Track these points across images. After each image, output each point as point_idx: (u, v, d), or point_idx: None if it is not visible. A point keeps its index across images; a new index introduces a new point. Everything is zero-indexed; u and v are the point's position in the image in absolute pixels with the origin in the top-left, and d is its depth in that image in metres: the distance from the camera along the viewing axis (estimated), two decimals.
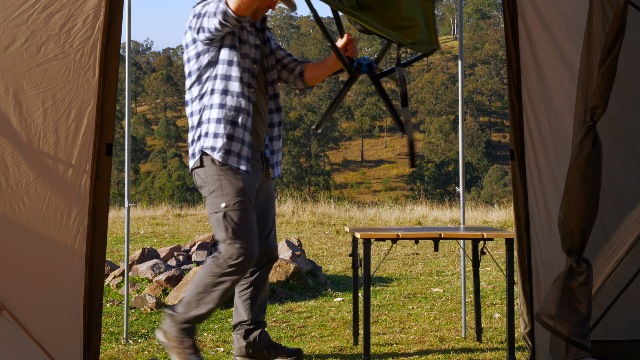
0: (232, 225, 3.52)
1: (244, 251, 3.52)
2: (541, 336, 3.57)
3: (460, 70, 4.64)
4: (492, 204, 19.02)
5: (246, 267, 3.55)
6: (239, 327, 3.88)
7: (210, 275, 3.55)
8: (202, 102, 3.61)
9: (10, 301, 3.10)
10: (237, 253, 3.51)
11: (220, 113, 3.56)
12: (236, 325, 3.89)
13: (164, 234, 10.81)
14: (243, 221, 3.53)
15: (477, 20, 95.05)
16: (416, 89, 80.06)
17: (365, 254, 3.90)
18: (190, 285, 3.62)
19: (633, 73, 3.50)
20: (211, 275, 3.54)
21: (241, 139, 3.58)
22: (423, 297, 6.04)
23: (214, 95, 3.58)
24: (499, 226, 12.74)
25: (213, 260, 3.56)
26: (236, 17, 3.40)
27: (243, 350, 3.86)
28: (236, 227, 3.52)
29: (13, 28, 3.01)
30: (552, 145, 3.56)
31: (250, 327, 3.86)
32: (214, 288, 3.54)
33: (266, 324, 3.93)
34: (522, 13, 3.55)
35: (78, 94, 3.09)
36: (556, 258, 3.49)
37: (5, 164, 3.05)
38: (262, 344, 3.86)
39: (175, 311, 3.61)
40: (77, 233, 3.13)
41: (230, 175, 3.56)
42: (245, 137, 3.59)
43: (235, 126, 3.57)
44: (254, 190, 3.68)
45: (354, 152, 78.57)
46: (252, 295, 3.85)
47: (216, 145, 3.55)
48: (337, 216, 14.28)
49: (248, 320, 3.85)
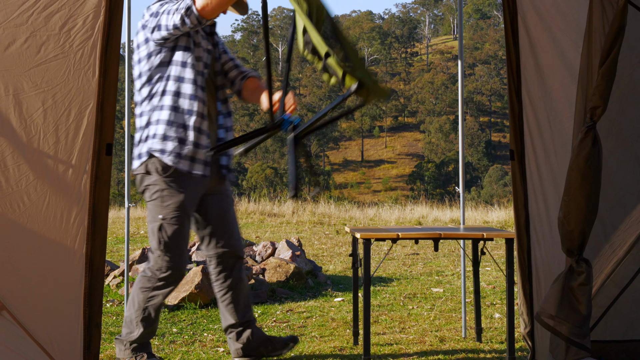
0: (164, 239, 3.54)
1: (172, 265, 3.57)
2: (541, 336, 3.57)
3: (460, 70, 4.65)
4: (492, 204, 19.03)
5: (174, 280, 3.62)
6: (229, 330, 3.89)
7: (142, 290, 3.61)
8: (151, 102, 3.52)
9: (10, 301, 3.10)
10: (166, 266, 3.57)
11: (171, 115, 3.48)
12: (226, 329, 3.90)
13: None
14: (176, 236, 3.55)
15: (477, 20, 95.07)
16: (416, 89, 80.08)
17: (365, 254, 3.90)
18: (128, 304, 3.68)
19: (633, 73, 3.50)
20: (143, 291, 3.61)
21: (194, 142, 3.51)
22: (423, 297, 6.04)
23: (165, 96, 3.49)
24: (499, 226, 12.74)
25: (143, 275, 3.63)
26: (198, 17, 3.35)
27: (239, 351, 3.87)
28: (169, 241, 3.55)
29: (13, 28, 3.01)
30: (552, 145, 3.56)
31: (240, 328, 3.86)
32: (147, 304, 3.60)
33: (255, 319, 3.93)
34: (522, 13, 3.55)
35: (78, 94, 3.09)
36: (556, 258, 3.49)
37: (5, 164, 3.05)
38: (256, 341, 3.87)
39: (121, 335, 3.68)
40: (77, 233, 3.13)
41: (174, 187, 3.52)
42: (200, 140, 3.53)
43: (187, 129, 3.50)
44: (196, 202, 3.64)
45: (354, 152, 78.57)
46: (232, 298, 3.85)
47: (165, 148, 3.48)
48: (337, 216, 14.28)
49: (236, 323, 3.85)
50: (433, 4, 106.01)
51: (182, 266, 3.62)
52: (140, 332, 3.63)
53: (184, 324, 5.04)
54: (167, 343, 4.48)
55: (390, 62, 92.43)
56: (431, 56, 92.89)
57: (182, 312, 5.42)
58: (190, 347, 4.39)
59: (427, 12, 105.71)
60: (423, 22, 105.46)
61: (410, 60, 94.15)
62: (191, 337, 4.64)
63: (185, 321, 5.12)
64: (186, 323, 5.05)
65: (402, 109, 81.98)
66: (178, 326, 4.96)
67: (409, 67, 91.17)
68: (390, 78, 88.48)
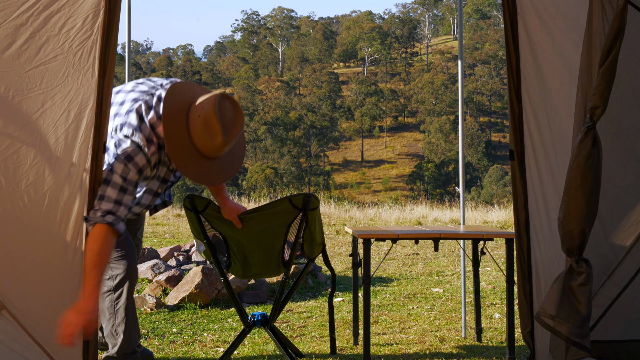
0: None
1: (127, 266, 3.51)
2: (541, 336, 3.57)
3: (460, 70, 4.65)
4: (492, 204, 19.03)
5: (132, 279, 3.53)
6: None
7: (106, 297, 3.50)
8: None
9: (10, 301, 3.10)
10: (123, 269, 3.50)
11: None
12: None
13: (164, 234, 10.80)
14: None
15: (477, 20, 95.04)
16: (416, 89, 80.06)
17: (365, 254, 3.90)
18: (101, 319, 3.54)
19: (633, 73, 3.49)
20: (107, 297, 3.50)
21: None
22: (423, 297, 6.04)
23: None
24: (499, 226, 12.73)
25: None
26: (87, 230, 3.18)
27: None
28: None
29: (13, 29, 3.01)
30: (552, 145, 3.56)
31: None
32: (116, 308, 3.50)
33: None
34: (522, 13, 3.54)
35: (77, 94, 3.09)
36: (556, 258, 3.49)
37: (5, 163, 3.05)
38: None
39: (109, 352, 3.56)
40: (77, 233, 3.13)
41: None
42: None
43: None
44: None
45: (354, 152, 78.56)
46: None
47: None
48: (337, 216, 14.27)
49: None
50: (433, 4, 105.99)
51: (134, 260, 3.55)
52: (123, 340, 3.50)
53: (184, 324, 5.04)
54: (167, 343, 4.48)
55: (390, 62, 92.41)
56: (431, 56, 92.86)
57: (182, 312, 5.42)
58: (190, 347, 4.39)
59: (427, 12, 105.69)
60: (423, 22, 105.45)
61: (410, 60, 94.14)
62: (191, 337, 4.64)
63: (185, 321, 5.12)
64: (186, 323, 5.06)
65: (402, 109, 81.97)
66: (178, 326, 4.96)
67: (409, 67, 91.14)
68: (390, 78, 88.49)
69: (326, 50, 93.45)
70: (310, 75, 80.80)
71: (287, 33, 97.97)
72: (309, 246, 3.62)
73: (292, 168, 65.00)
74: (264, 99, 77.81)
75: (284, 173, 62.86)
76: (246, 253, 3.65)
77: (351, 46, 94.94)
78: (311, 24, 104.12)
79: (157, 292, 5.81)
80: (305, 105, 75.56)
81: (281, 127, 71.65)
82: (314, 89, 78.12)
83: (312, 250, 3.67)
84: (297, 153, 68.72)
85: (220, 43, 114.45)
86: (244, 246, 3.65)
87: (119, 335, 3.51)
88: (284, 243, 3.61)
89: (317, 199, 3.54)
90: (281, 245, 3.58)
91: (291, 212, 3.53)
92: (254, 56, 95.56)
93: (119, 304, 3.50)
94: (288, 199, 3.52)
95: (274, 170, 59.64)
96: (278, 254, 3.63)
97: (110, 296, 3.50)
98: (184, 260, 6.64)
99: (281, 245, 3.58)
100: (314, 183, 62.80)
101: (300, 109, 74.94)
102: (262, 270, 3.75)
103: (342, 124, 78.51)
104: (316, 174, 66.24)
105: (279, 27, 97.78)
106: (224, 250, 3.70)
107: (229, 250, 3.67)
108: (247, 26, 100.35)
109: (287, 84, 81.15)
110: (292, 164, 65.68)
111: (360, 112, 78.66)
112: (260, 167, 59.67)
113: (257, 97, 77.26)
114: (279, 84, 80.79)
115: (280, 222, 3.58)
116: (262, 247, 3.64)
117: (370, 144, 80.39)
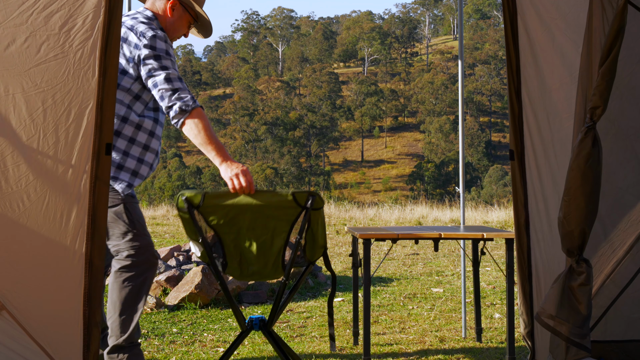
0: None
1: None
2: (541, 336, 3.57)
3: (460, 70, 4.65)
4: (492, 204, 19.03)
5: (153, 269, 3.63)
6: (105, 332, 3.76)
7: (125, 286, 3.53)
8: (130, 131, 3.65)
9: (10, 301, 3.10)
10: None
11: (142, 153, 3.68)
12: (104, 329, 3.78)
13: (164, 234, 10.81)
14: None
15: (477, 20, 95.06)
16: (416, 89, 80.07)
17: (365, 254, 3.90)
18: (109, 315, 3.55)
19: (633, 73, 3.49)
20: (127, 286, 3.53)
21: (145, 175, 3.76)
22: (423, 297, 6.04)
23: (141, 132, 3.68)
24: (499, 226, 12.73)
25: (117, 274, 3.55)
26: (178, 125, 3.47)
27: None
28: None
29: (13, 28, 3.01)
30: (552, 145, 3.56)
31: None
32: (137, 297, 3.53)
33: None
34: (522, 13, 3.54)
35: (78, 93, 3.08)
36: (556, 258, 3.49)
37: (5, 164, 3.05)
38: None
39: (117, 342, 3.52)
40: (76, 233, 3.13)
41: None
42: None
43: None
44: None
45: (354, 152, 78.57)
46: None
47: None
48: (337, 216, 14.28)
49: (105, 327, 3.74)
50: (433, 4, 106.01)
51: (153, 248, 3.65)
52: (132, 328, 3.52)
53: (184, 324, 5.04)
54: (167, 343, 4.48)
55: (390, 62, 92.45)
56: (431, 56, 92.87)
57: (182, 312, 5.42)
58: (190, 347, 4.39)
59: (427, 12, 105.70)
60: (423, 22, 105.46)
61: (410, 60, 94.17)
62: (191, 337, 4.64)
63: (185, 321, 5.12)
64: (186, 323, 5.05)
65: (402, 109, 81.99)
66: (178, 326, 4.96)
67: (409, 67, 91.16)
68: (390, 78, 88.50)
69: (326, 50, 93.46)
70: (310, 75, 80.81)
71: (287, 33, 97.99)
72: (311, 248, 3.61)
73: (292, 168, 65.01)
74: (264, 99, 77.83)
75: (284, 173, 62.87)
76: (242, 249, 3.63)
77: (351, 46, 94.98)
78: (311, 24, 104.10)
79: (157, 292, 5.81)
80: (305, 105, 75.56)
81: (281, 127, 71.67)
82: (314, 89, 78.13)
83: (314, 253, 3.66)
84: (297, 153, 68.74)
85: (221, 43, 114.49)
86: (241, 238, 3.61)
87: (132, 323, 3.51)
88: (286, 244, 3.59)
89: (321, 199, 3.52)
90: (281, 245, 3.56)
91: (293, 208, 3.50)
92: (254, 56, 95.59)
93: (140, 292, 3.52)
94: (292, 192, 3.50)
95: (274, 170, 59.65)
96: (278, 253, 3.61)
97: (130, 287, 3.51)
98: (184, 260, 6.64)
99: (281, 245, 3.56)
100: (314, 183, 62.81)
101: (300, 109, 74.94)
102: (259, 269, 3.72)
103: (342, 124, 78.53)
104: (316, 174, 66.25)
105: (279, 27, 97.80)
106: (220, 252, 3.69)
107: (225, 249, 3.65)
108: (247, 26, 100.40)
109: (287, 84, 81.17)
110: (292, 164, 65.69)
111: (360, 112, 78.68)
112: (260, 167, 59.68)
113: (257, 97, 77.29)
114: (279, 84, 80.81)
115: (279, 214, 3.54)
116: (260, 240, 3.61)
117: (370, 144, 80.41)
